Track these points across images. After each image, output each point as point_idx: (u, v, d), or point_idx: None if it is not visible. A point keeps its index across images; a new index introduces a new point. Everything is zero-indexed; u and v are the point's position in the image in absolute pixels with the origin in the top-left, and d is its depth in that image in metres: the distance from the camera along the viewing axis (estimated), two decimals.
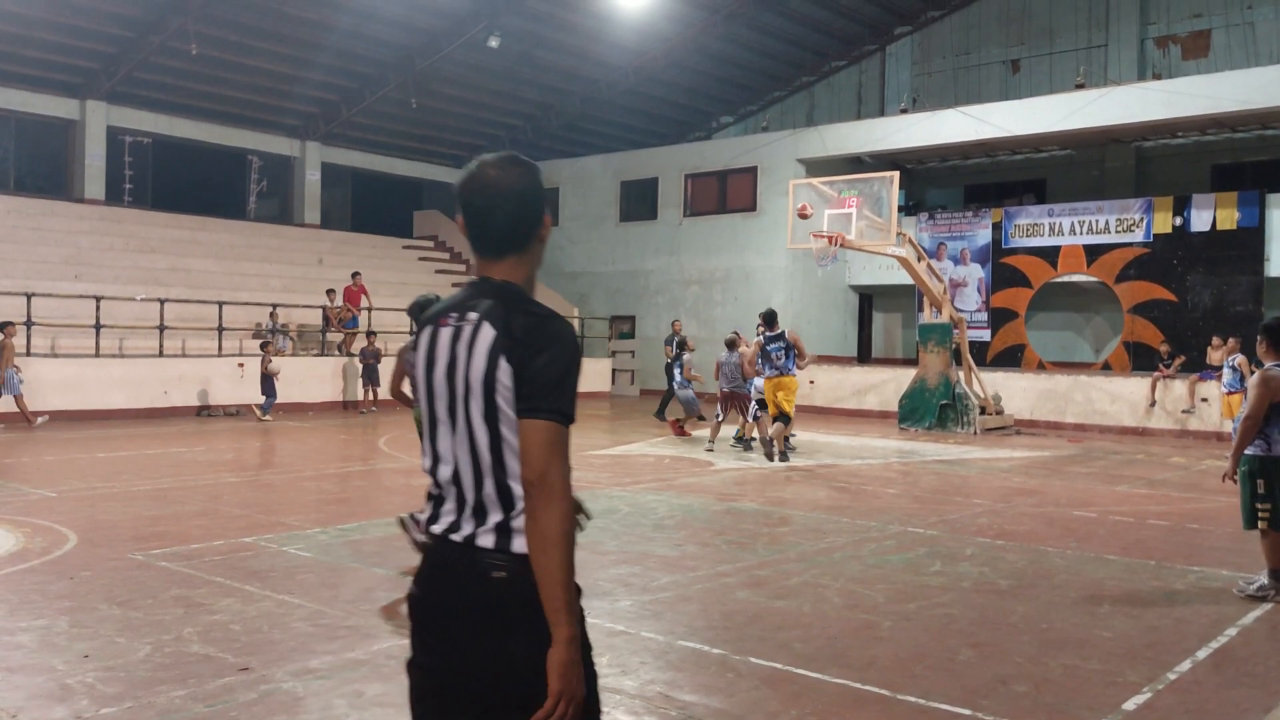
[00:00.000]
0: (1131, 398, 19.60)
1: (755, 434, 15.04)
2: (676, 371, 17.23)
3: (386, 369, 21.11)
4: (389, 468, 12.74)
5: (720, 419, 15.40)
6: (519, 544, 2.24)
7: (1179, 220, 21.96)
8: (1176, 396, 19.02)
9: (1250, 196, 21.33)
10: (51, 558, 7.25)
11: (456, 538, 2.30)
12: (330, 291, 22.13)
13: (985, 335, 24.34)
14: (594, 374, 25.46)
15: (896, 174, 18.62)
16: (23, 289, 17.82)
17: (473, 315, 2.31)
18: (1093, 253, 22.94)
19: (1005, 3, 27.67)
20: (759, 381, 14.88)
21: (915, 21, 28.91)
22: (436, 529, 2.34)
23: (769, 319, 14.48)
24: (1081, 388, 20.22)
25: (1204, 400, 18.60)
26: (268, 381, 18.68)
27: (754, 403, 14.99)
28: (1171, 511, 10.45)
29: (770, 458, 13.87)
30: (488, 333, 2.26)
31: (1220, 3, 24.75)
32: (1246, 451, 6.76)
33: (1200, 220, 21.71)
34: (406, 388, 7.79)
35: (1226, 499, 9.76)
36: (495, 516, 2.27)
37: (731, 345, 15.08)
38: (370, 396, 20.81)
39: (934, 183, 28.72)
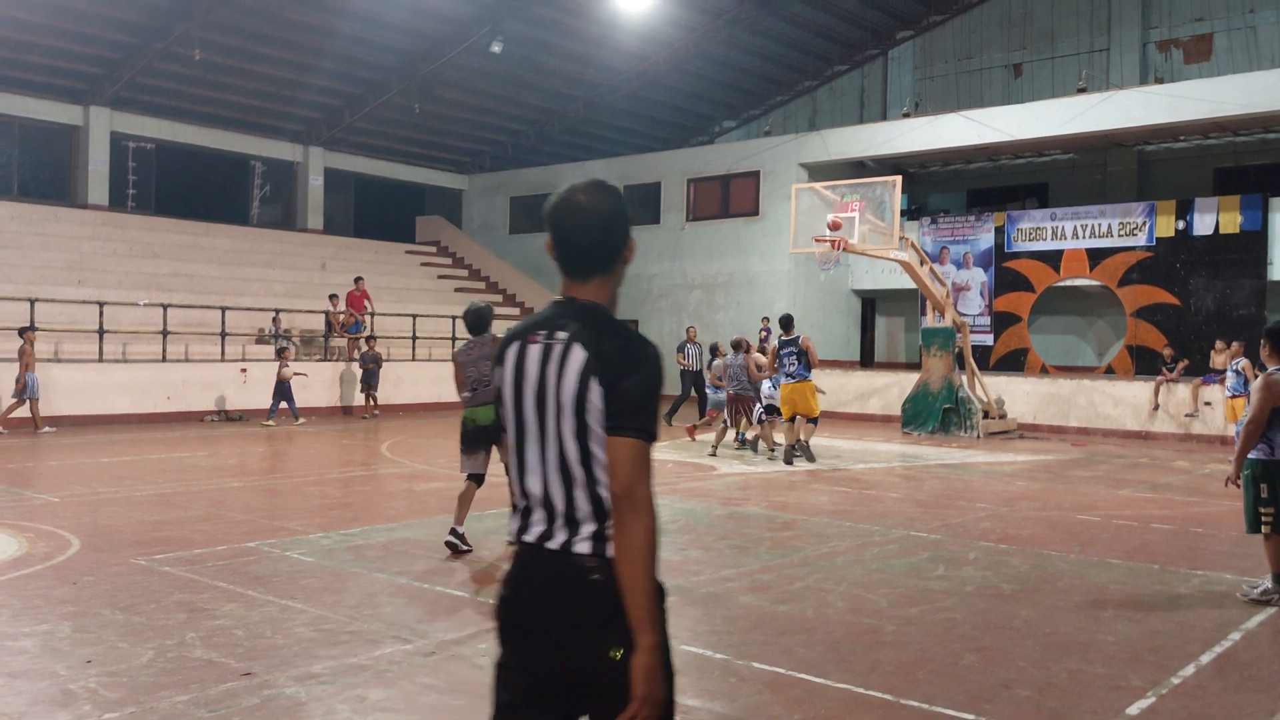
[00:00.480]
0: (1135, 401, 19.58)
1: (756, 436, 15.04)
2: (707, 375, 17.23)
3: (387, 374, 21.15)
4: (392, 473, 12.74)
5: (726, 424, 15.40)
6: (612, 549, 2.36)
7: (1181, 224, 21.95)
8: (1180, 400, 18.99)
9: (1253, 200, 21.31)
10: (54, 563, 7.26)
11: (552, 545, 2.41)
12: (333, 297, 22.15)
13: (988, 339, 24.33)
14: None
15: (899, 178, 18.61)
16: (26, 294, 17.85)
17: (561, 335, 2.43)
18: (1095, 256, 22.93)
19: (1007, 7, 27.70)
20: (766, 386, 14.90)
21: (917, 26, 28.93)
22: (528, 538, 2.45)
23: (786, 323, 14.48)
24: (1084, 391, 20.20)
25: (1207, 404, 18.56)
26: (283, 386, 18.71)
27: (760, 406, 14.98)
28: (1175, 516, 10.43)
29: (810, 459, 14.18)
30: (578, 354, 2.38)
31: (1222, 6, 24.76)
32: (1250, 456, 6.75)
33: (1203, 224, 21.70)
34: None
35: (1230, 503, 9.75)
36: (589, 526, 2.39)
37: (736, 347, 15.09)
38: (370, 402, 20.77)
39: (936, 187, 28.72)
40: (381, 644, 5.52)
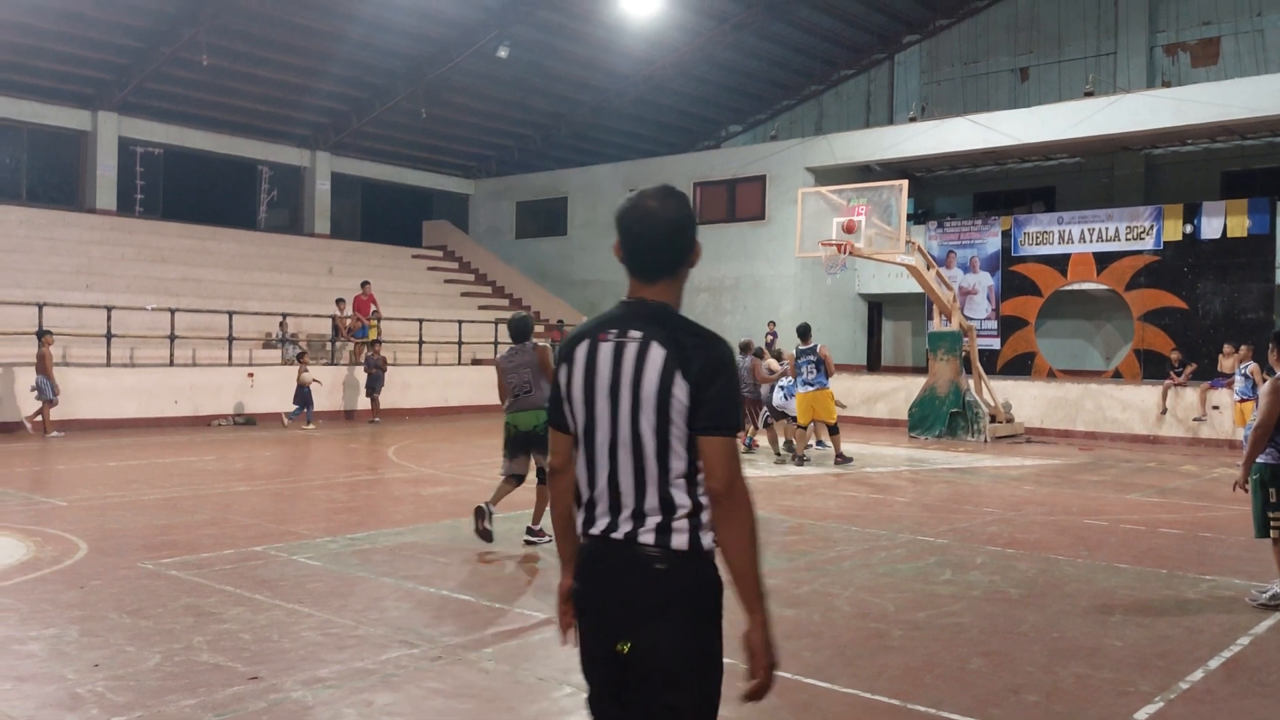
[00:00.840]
0: (1142, 406, 19.52)
1: (763, 440, 15.05)
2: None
3: (393, 378, 21.15)
4: (398, 477, 12.75)
5: None
6: (678, 541, 2.48)
7: (1189, 228, 21.89)
8: (1188, 404, 18.93)
9: (1261, 204, 21.25)
10: (62, 567, 7.27)
11: (617, 535, 2.53)
12: (340, 301, 22.19)
13: (995, 343, 24.28)
14: None
15: (905, 182, 18.60)
16: (35, 299, 17.90)
17: (635, 333, 2.53)
18: (1103, 260, 22.88)
19: (1014, 11, 27.67)
20: (778, 396, 14.95)
21: (924, 30, 28.91)
22: (594, 531, 2.57)
23: (803, 332, 14.70)
24: (1092, 396, 20.15)
25: (1215, 408, 18.51)
26: (303, 391, 18.82)
27: (765, 409, 14.97)
28: (1183, 520, 10.40)
29: (847, 459, 14.47)
30: (658, 352, 2.48)
31: (1229, 10, 24.71)
32: (1258, 460, 6.72)
33: (1210, 228, 21.64)
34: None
35: (1238, 507, 9.71)
36: (655, 519, 2.50)
37: (744, 350, 15.10)
38: (373, 407, 20.66)
39: (943, 191, 28.70)
40: (388, 648, 5.52)
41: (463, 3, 23.16)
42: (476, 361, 24.25)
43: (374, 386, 20.59)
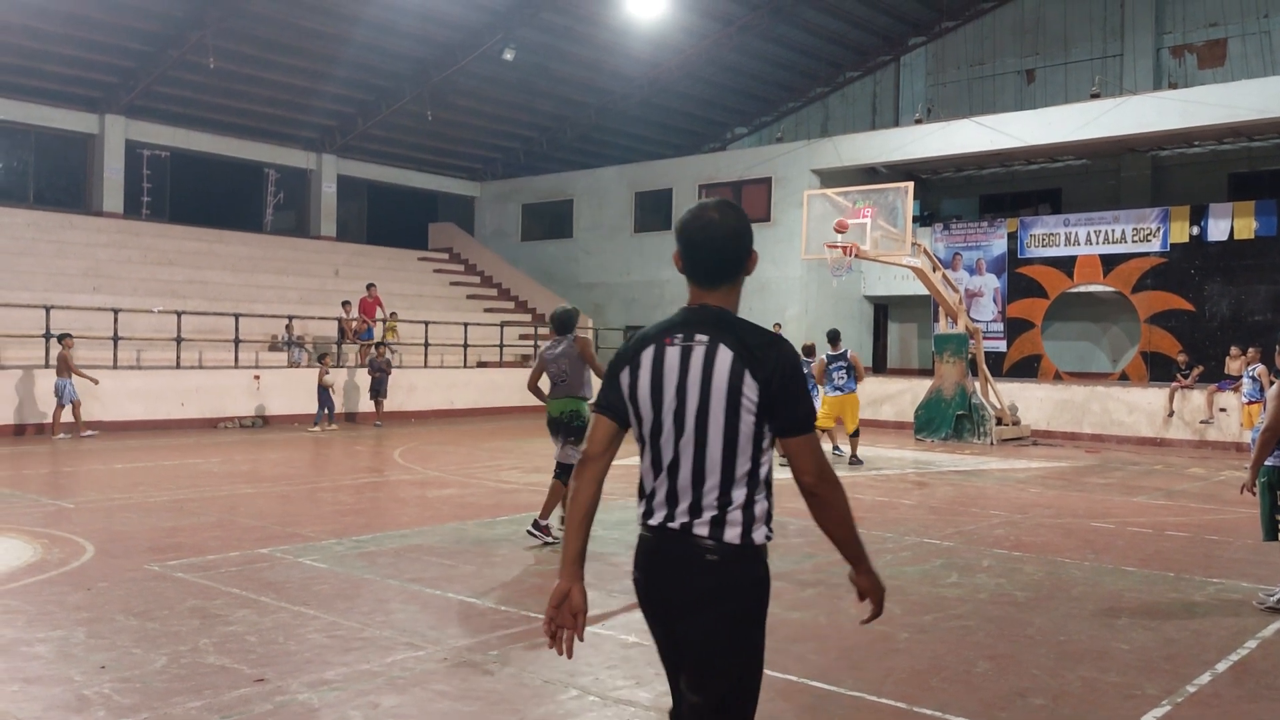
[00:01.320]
0: (1149, 408, 19.48)
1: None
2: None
3: (399, 381, 21.17)
4: (404, 479, 12.76)
5: None
6: (730, 534, 2.64)
7: (1196, 230, 21.86)
8: (1195, 407, 18.89)
9: (1268, 205, 21.21)
10: (69, 569, 7.29)
11: (673, 525, 2.68)
12: (346, 304, 22.21)
13: (1001, 345, 24.25)
14: None
15: (911, 184, 18.59)
16: (42, 301, 17.95)
17: (701, 337, 2.67)
18: (1109, 262, 22.85)
19: (1020, 13, 27.65)
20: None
21: (929, 32, 28.91)
22: (653, 521, 2.72)
23: (833, 338, 15.19)
24: (1098, 398, 20.11)
25: (1222, 410, 18.47)
26: (324, 393, 18.88)
27: None
28: (1190, 523, 10.37)
29: (860, 461, 14.97)
30: (725, 354, 2.63)
31: (1236, 11, 24.67)
32: (1266, 463, 6.71)
33: (1217, 229, 21.60)
34: (544, 384, 8.70)
35: (1246, 510, 9.69)
36: (711, 512, 2.65)
37: None
38: (377, 409, 20.43)
39: (949, 193, 28.67)
40: (394, 650, 5.53)
41: (468, 6, 23.20)
42: (482, 364, 24.27)
43: (378, 389, 20.52)
